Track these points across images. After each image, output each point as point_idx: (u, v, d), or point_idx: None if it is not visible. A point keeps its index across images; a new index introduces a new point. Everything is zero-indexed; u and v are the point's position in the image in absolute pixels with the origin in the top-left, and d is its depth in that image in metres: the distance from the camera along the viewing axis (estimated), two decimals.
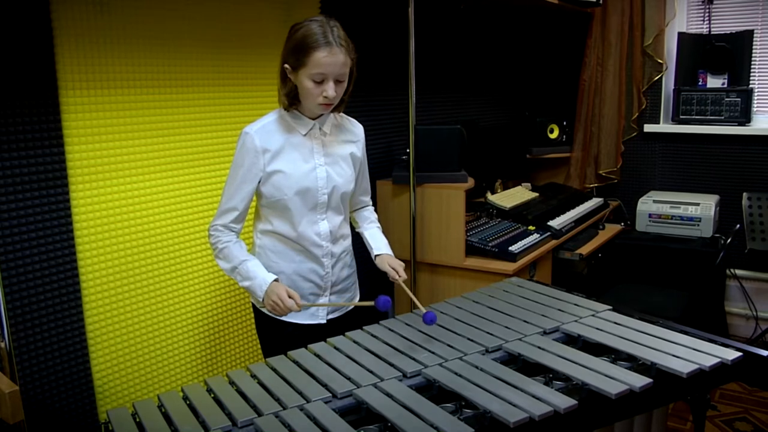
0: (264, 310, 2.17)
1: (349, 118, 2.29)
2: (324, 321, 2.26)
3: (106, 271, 2.34)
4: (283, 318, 2.20)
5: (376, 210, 2.49)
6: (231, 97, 2.71)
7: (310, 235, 2.16)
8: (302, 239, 2.16)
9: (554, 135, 4.62)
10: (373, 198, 2.51)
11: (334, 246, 2.22)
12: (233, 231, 2.13)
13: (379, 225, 2.43)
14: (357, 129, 2.29)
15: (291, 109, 2.10)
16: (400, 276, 2.23)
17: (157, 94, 2.45)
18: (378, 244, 2.35)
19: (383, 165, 3.54)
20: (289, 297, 2.05)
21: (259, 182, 2.09)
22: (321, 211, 2.17)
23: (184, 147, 2.56)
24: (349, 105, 2.19)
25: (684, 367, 1.71)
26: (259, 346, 2.34)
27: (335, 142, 2.20)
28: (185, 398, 1.65)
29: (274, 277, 2.10)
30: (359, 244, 2.38)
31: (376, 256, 2.33)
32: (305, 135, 2.13)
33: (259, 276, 2.09)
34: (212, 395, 1.66)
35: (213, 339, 2.76)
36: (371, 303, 2.04)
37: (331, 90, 2.00)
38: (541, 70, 4.92)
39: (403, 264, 2.28)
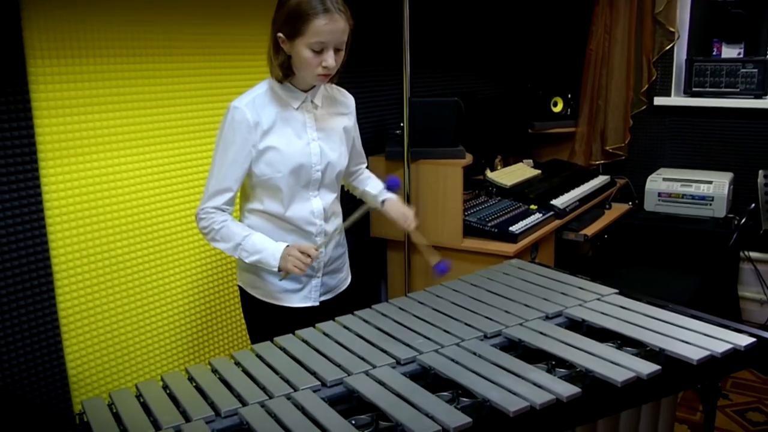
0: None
1: (339, 88, 2.29)
2: (317, 303, 2.27)
3: (80, 253, 2.33)
4: (273, 302, 2.22)
5: None
6: (214, 68, 2.69)
7: (302, 213, 2.17)
8: (294, 218, 2.16)
9: (558, 108, 4.62)
10: None
11: (326, 224, 2.23)
12: (226, 212, 2.12)
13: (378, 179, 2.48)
14: (348, 100, 2.30)
15: (285, 81, 2.10)
16: (410, 224, 2.27)
17: (135, 64, 2.43)
18: (384, 191, 2.39)
19: (376, 140, 3.53)
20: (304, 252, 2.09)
21: (251, 160, 2.09)
22: (314, 189, 2.17)
23: (165, 121, 2.55)
24: (339, 77, 2.19)
25: (694, 354, 1.72)
26: (246, 332, 2.35)
27: (327, 115, 2.20)
28: (165, 387, 1.66)
29: (285, 244, 2.11)
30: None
31: (383, 201, 2.36)
32: (297, 108, 2.13)
33: (269, 246, 2.10)
34: (194, 384, 1.67)
35: (197, 325, 2.76)
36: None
37: (330, 59, 1.99)
38: (545, 39, 4.90)
39: (412, 211, 2.32)
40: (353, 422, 1.48)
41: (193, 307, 2.74)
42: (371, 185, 2.44)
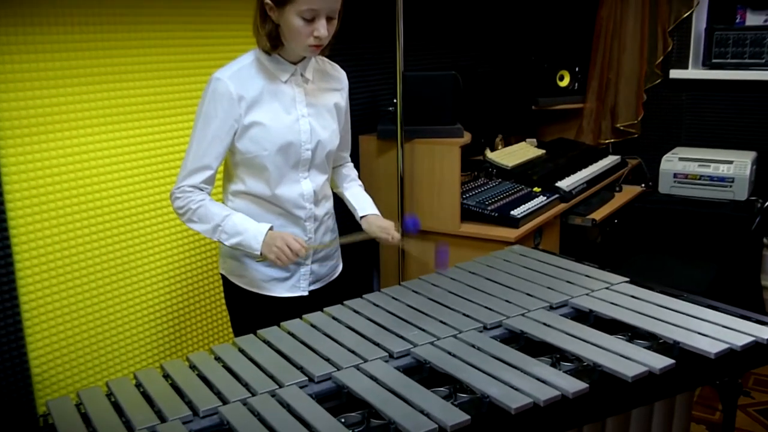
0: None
1: (331, 62, 2.30)
2: (306, 293, 2.29)
3: (45, 241, 2.33)
4: (259, 291, 2.23)
5: (357, 170, 2.51)
6: (194, 37, 2.69)
7: (291, 195, 2.17)
8: (282, 199, 2.17)
9: (564, 83, 4.63)
10: (356, 156, 2.53)
11: (317, 208, 2.24)
12: (204, 191, 2.12)
13: (360, 183, 2.46)
14: (341, 75, 2.30)
15: (273, 52, 2.10)
16: (393, 237, 2.26)
17: (105, 33, 2.42)
18: (362, 204, 2.38)
19: (367, 118, 3.53)
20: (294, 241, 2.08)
21: (234, 136, 2.09)
22: (303, 170, 2.18)
23: (138, 96, 2.54)
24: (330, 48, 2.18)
25: (712, 347, 1.74)
26: (230, 324, 2.37)
27: (318, 90, 2.20)
28: (138, 385, 1.67)
29: (269, 225, 2.11)
30: (340, 206, 2.40)
31: (361, 217, 2.35)
32: (286, 82, 2.13)
33: (251, 228, 2.09)
34: (170, 381, 1.68)
35: (175, 318, 2.77)
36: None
37: (323, 29, 1.99)
38: (550, 6, 4.89)
39: (392, 223, 2.31)
40: (342, 420, 1.49)
41: (171, 298, 2.74)
42: (354, 194, 2.41)
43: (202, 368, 1.72)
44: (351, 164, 2.48)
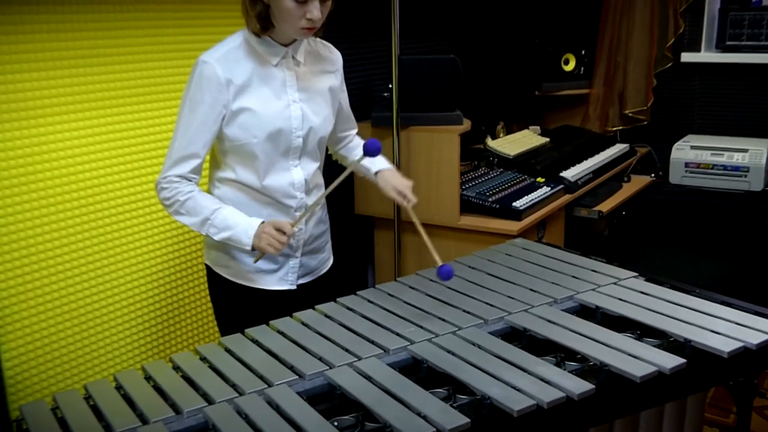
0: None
1: (324, 42, 2.30)
2: (294, 286, 2.30)
3: (18, 235, 2.32)
4: (245, 283, 2.23)
5: None
6: (179, 18, 2.68)
7: (281, 184, 2.18)
8: (271, 189, 2.17)
9: (570, 67, 4.63)
10: None
11: (308, 198, 2.25)
12: (192, 182, 2.12)
13: None
14: (335, 56, 2.31)
15: (263, 34, 2.10)
16: (408, 200, 2.25)
17: (82, 14, 2.40)
18: (378, 162, 2.37)
19: (361, 104, 3.52)
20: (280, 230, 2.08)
21: (222, 122, 2.09)
22: (294, 157, 2.19)
23: (119, 80, 2.53)
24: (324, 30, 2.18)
25: (725, 345, 1.75)
26: (214, 319, 2.38)
27: (310, 73, 2.21)
28: (119, 387, 1.67)
29: (261, 220, 2.10)
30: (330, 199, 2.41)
31: (376, 173, 2.35)
32: (276, 65, 2.13)
33: (242, 222, 2.09)
34: (152, 383, 1.69)
35: (158, 315, 2.77)
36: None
37: (316, 10, 1.99)
38: None
39: (410, 183, 2.30)
40: (335, 423, 1.50)
41: (154, 294, 2.74)
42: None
43: (187, 369, 1.72)
44: (359, 137, 2.50)
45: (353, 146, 2.48)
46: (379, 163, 2.36)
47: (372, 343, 1.80)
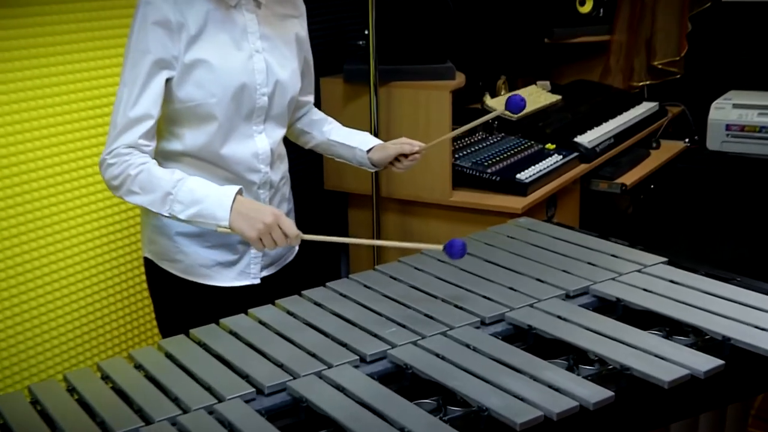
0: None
1: None
2: (258, 280, 2.29)
3: None
4: (197, 279, 2.22)
5: None
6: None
7: (243, 155, 2.16)
8: (232, 161, 2.15)
9: (586, 8, 4.62)
10: (316, 103, 2.52)
11: (272, 171, 2.24)
12: (145, 152, 2.04)
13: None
14: (297, 0, 2.30)
15: None
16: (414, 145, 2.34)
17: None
18: (361, 138, 2.41)
19: (330, 55, 3.52)
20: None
21: (174, 77, 2.06)
22: (258, 121, 2.18)
23: (27, 25, 2.52)
24: None
25: None
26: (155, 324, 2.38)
27: (273, 16, 2.20)
28: (34, 402, 1.66)
29: (237, 187, 2.02)
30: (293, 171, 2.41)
31: (368, 152, 2.38)
32: (234, 6, 2.11)
33: (212, 192, 2.00)
34: (75, 396, 1.68)
35: (85, 316, 2.78)
36: (439, 247, 1.97)
37: None
38: None
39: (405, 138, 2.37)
40: None
41: (79, 290, 2.75)
42: (344, 135, 2.44)
43: (118, 379, 1.71)
44: (316, 109, 2.50)
45: (316, 119, 2.46)
46: (367, 142, 2.40)
47: (345, 347, 1.80)
